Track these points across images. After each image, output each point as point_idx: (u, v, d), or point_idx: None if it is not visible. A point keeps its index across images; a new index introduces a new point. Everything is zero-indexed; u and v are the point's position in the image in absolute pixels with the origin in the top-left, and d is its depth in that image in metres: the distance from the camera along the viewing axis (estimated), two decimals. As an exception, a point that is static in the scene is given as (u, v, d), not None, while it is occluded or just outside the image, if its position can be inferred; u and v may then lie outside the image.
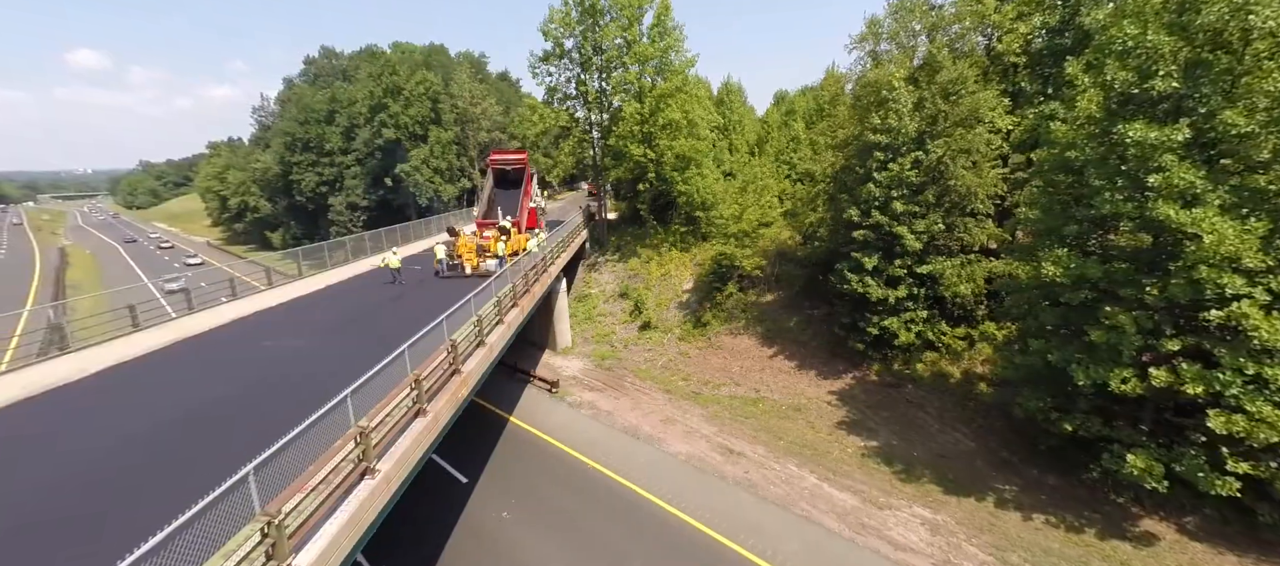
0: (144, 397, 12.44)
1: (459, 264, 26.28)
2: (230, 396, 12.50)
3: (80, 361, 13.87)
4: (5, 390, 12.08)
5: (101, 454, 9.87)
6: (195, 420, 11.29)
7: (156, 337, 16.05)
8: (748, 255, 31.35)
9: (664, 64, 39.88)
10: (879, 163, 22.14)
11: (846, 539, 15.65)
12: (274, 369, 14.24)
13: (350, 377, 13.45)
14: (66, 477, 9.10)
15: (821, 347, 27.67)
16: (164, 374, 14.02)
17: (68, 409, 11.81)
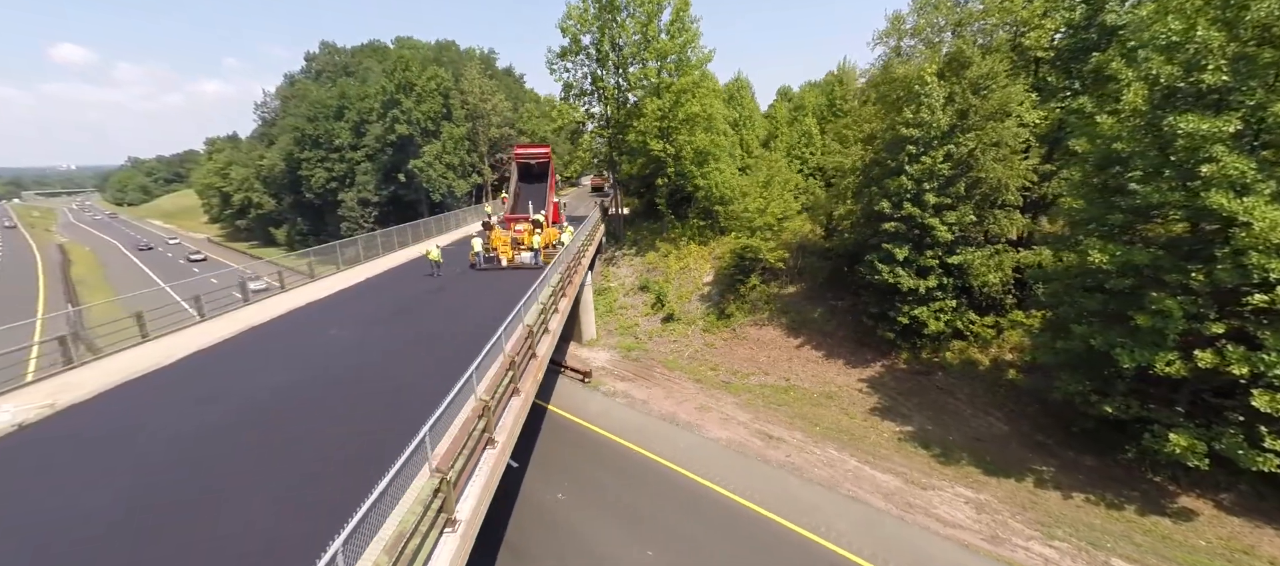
0: (256, 375, 13.13)
1: (495, 256, 26.69)
2: (315, 378, 12.97)
3: (165, 347, 14.22)
4: (129, 365, 12.94)
5: (269, 392, 11.52)
6: (312, 395, 11.96)
7: (222, 327, 16.39)
8: (771, 248, 31.88)
9: (682, 59, 40.28)
10: (911, 156, 22.70)
11: (895, 517, 16.26)
12: (354, 354, 14.73)
13: (421, 362, 14.16)
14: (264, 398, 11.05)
15: (848, 337, 28.30)
16: (252, 359, 14.45)
17: (206, 374, 12.80)
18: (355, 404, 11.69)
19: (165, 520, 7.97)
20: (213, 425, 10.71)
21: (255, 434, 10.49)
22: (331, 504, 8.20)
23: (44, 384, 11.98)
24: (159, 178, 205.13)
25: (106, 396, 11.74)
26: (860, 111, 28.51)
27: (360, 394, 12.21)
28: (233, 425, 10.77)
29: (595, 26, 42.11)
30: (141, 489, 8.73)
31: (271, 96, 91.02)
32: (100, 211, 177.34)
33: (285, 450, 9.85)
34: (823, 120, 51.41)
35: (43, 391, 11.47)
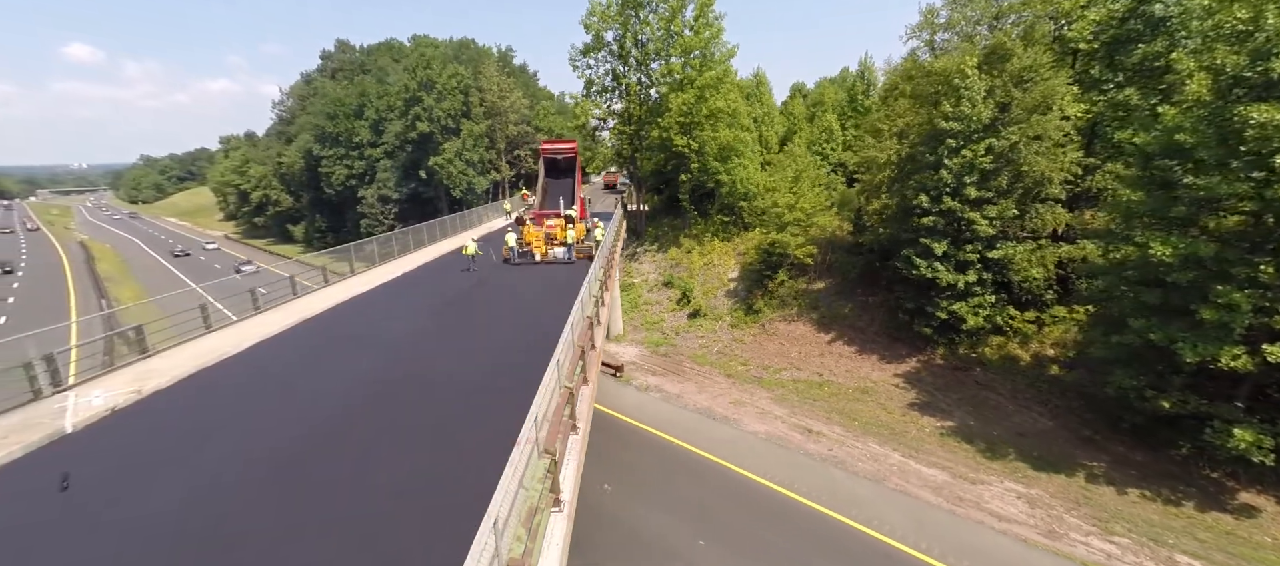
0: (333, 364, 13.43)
1: (528, 251, 26.85)
2: (396, 367, 13.28)
3: (234, 336, 14.54)
4: (200, 353, 13.38)
5: (359, 379, 12.06)
6: (401, 383, 12.24)
7: (278, 319, 16.62)
8: (800, 243, 31.78)
9: (706, 55, 40.18)
10: (950, 149, 22.53)
11: (947, 510, 16.20)
12: (423, 344, 14.98)
13: (487, 351, 14.30)
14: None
15: (880, 332, 28.17)
16: (323, 349, 14.72)
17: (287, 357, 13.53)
18: (444, 390, 11.96)
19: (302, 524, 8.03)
20: (330, 409, 10.97)
21: (368, 414, 10.80)
22: (465, 480, 8.65)
23: (120, 373, 12.22)
24: (172, 175, 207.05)
25: (188, 383, 11.98)
26: (892, 105, 28.31)
27: (445, 381, 12.44)
28: (347, 407, 11.09)
29: (618, 23, 42.12)
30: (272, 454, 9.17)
31: (287, 95, 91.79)
32: (117, 210, 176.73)
33: (405, 431, 10.22)
34: (843, 116, 51.13)
35: (124, 379, 11.70)
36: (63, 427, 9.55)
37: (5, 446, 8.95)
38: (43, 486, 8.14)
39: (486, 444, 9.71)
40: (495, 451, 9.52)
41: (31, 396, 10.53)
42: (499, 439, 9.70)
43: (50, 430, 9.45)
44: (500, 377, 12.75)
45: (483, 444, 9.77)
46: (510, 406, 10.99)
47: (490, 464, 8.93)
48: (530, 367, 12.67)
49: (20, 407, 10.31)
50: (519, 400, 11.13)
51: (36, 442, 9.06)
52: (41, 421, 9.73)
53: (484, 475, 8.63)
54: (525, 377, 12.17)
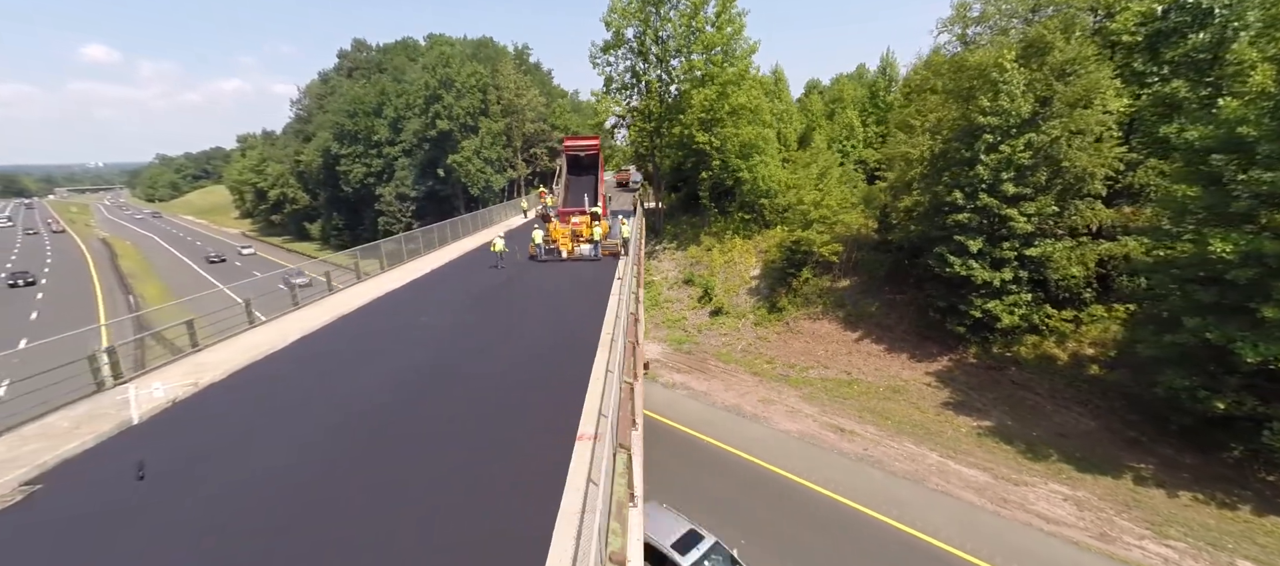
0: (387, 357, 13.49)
1: (555, 248, 26.79)
2: (447, 359, 13.40)
3: (277, 331, 14.65)
4: (249, 346, 13.58)
5: (413, 371, 12.20)
6: (454, 375, 12.37)
7: (316, 314, 16.70)
8: (825, 241, 31.45)
9: (728, 51, 39.89)
10: (987, 145, 22.14)
11: (991, 512, 15.90)
12: (464, 338, 14.95)
13: (524, 347, 14.29)
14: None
15: (909, 331, 27.81)
16: (367, 342, 14.78)
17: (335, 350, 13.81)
18: (495, 382, 11.96)
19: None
20: (385, 400, 10.97)
21: (424, 406, 10.82)
22: (535, 470, 8.62)
23: (174, 366, 12.32)
24: (187, 174, 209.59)
25: (241, 376, 12.08)
26: (923, 100, 27.89)
27: (494, 374, 12.43)
28: (401, 400, 11.10)
29: (638, 19, 41.95)
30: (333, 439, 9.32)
31: (304, 93, 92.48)
32: (137, 208, 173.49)
33: (468, 423, 10.23)
34: (864, 113, 50.57)
35: (179, 372, 11.82)
36: (130, 418, 9.66)
37: (79, 436, 9.05)
38: (120, 473, 8.21)
39: (545, 436, 9.65)
40: (556, 444, 9.43)
41: (94, 388, 10.68)
42: (557, 432, 9.79)
43: (118, 420, 9.56)
44: (547, 372, 12.68)
45: (542, 436, 9.70)
46: (564, 400, 10.95)
47: (551, 456, 8.90)
48: (573, 363, 12.87)
49: (85, 398, 10.45)
50: (569, 395, 11.22)
51: (108, 432, 9.19)
52: (108, 412, 9.84)
53: (550, 467, 8.67)
54: (569, 373, 12.28)
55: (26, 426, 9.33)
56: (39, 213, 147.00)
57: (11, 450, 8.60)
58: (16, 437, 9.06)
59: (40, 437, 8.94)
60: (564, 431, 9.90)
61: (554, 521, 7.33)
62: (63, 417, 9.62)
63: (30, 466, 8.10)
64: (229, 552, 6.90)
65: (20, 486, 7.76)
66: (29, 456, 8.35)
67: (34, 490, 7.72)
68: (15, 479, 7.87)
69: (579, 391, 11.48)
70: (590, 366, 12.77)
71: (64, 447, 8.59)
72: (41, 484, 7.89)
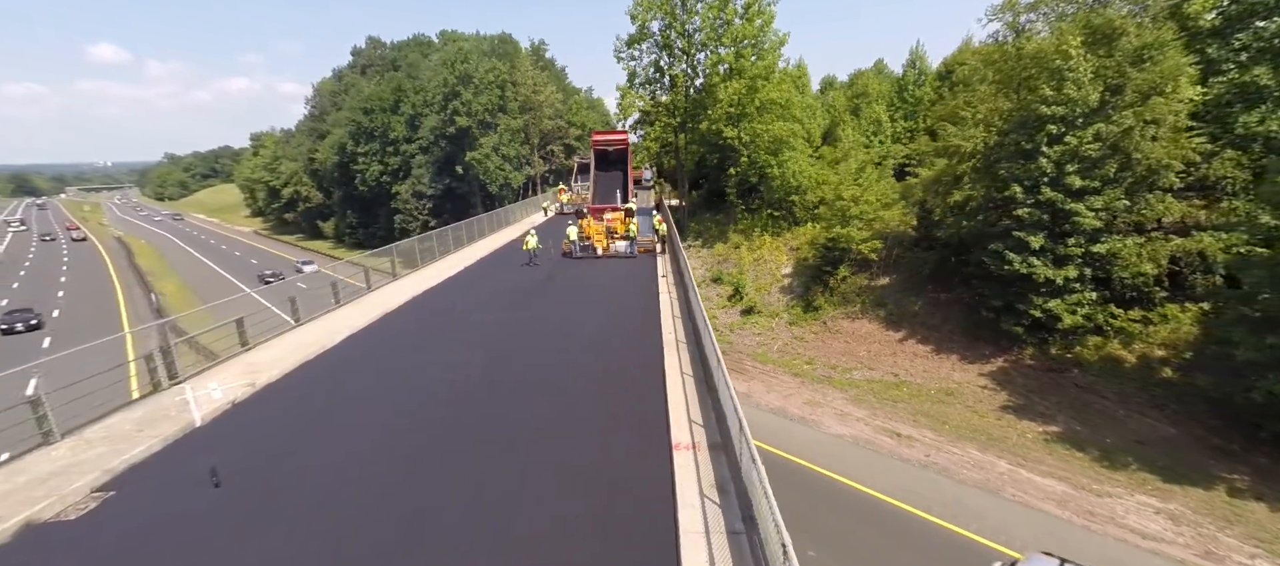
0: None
1: (589, 245, 26.12)
2: (497, 356, 12.82)
3: (322, 330, 14.08)
4: (298, 345, 13.12)
5: (479, 370, 11.43)
6: (525, 377, 11.74)
7: (357, 312, 16.01)
8: (864, 238, 30.41)
9: (757, 43, 38.84)
10: (1051, 136, 21.06)
11: (1080, 526, 14.88)
12: (522, 337, 14.34)
13: (582, 346, 13.57)
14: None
15: (957, 331, 26.72)
16: (422, 340, 14.31)
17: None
18: (562, 382, 11.35)
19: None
20: (451, 397, 10.57)
21: (496, 406, 10.32)
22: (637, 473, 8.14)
23: (226, 366, 11.79)
24: (196, 173, 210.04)
25: (296, 375, 11.61)
26: (972, 91, 26.77)
27: (559, 373, 11.82)
28: (468, 399, 10.61)
29: (664, 13, 41.01)
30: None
31: (317, 92, 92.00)
32: (153, 210, 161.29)
33: (548, 424, 9.70)
34: (892, 107, 49.34)
35: (233, 372, 11.29)
36: (192, 420, 9.20)
37: (144, 439, 8.56)
38: (190, 477, 7.79)
39: (636, 442, 9.04)
40: (651, 452, 8.69)
41: (151, 388, 10.24)
42: (648, 438, 9.11)
43: (181, 423, 9.06)
44: (618, 374, 11.95)
45: (632, 442, 9.05)
46: (644, 404, 10.29)
47: (650, 465, 8.34)
48: (641, 365, 12.15)
49: (144, 399, 10.01)
50: (647, 397, 10.54)
51: (172, 435, 8.72)
52: (168, 414, 9.36)
53: (653, 477, 8.03)
54: (640, 375, 11.82)
55: (89, 429, 8.86)
56: (52, 214, 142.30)
57: (76, 454, 8.15)
58: (80, 441, 8.58)
59: (104, 441, 8.48)
60: (654, 437, 9.25)
61: (677, 541, 6.63)
62: (124, 419, 9.19)
63: (99, 471, 7.69)
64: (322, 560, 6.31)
65: (92, 493, 7.37)
66: (95, 460, 7.93)
67: (106, 496, 7.33)
68: (86, 484, 7.46)
69: (655, 394, 10.85)
70: (661, 368, 12.13)
71: (130, 452, 8.18)
72: (113, 489, 7.49)
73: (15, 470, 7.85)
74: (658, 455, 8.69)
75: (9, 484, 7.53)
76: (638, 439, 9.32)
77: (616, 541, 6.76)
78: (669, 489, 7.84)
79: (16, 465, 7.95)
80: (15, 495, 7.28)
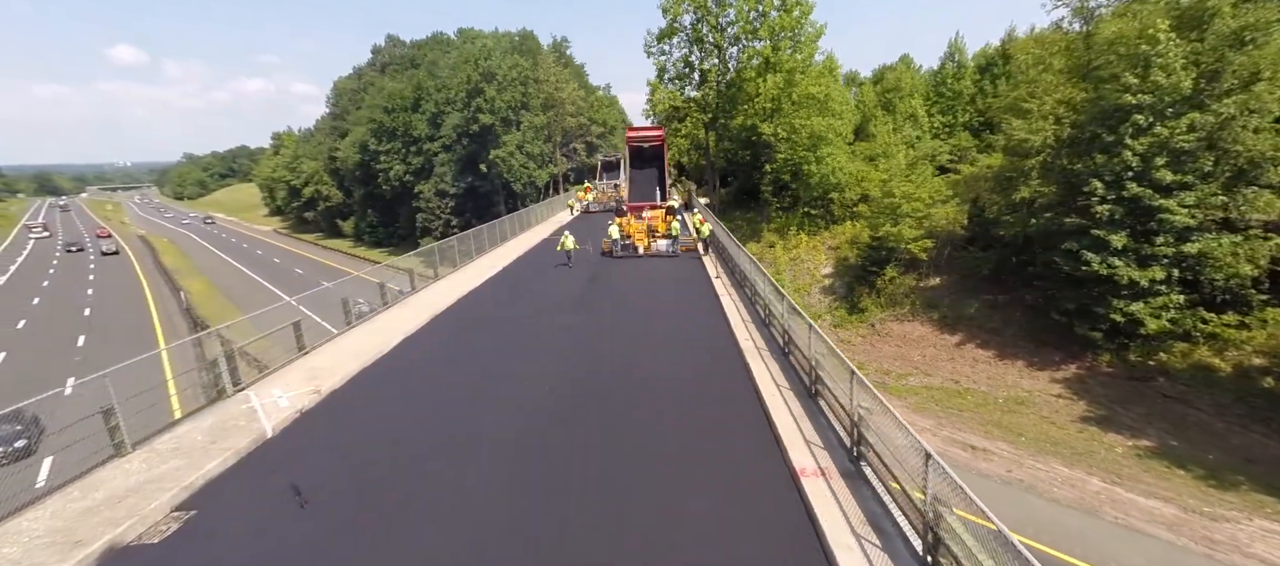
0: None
1: (630, 243, 25.14)
2: (568, 361, 12.19)
3: (377, 331, 13.46)
4: (354, 350, 12.54)
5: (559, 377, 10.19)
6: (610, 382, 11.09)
7: (408, 314, 15.24)
8: (915, 237, 29.01)
9: (795, 36, 37.54)
10: (1136, 127, 19.59)
11: (1202, 554, 13.51)
12: (578, 339, 13.66)
13: (658, 351, 12.74)
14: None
15: (1020, 335, 25.29)
16: (488, 343, 13.64)
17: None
18: (648, 389, 10.56)
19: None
20: (537, 406, 9.90)
21: (583, 416, 9.68)
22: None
23: (286, 372, 11.07)
24: (214, 172, 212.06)
25: (360, 380, 10.99)
26: (1036, 81, 25.24)
27: (645, 379, 11.00)
28: (551, 408, 9.87)
29: (696, 6, 39.87)
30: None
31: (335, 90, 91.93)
32: (180, 211, 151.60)
33: (657, 438, 8.91)
34: (930, 102, 47.64)
35: (295, 378, 10.61)
36: (263, 430, 8.64)
37: (218, 452, 7.99)
38: (270, 492, 7.32)
39: (751, 465, 8.08)
40: (772, 476, 7.81)
41: (216, 395, 9.68)
42: (762, 460, 8.21)
43: (252, 434, 8.49)
44: (704, 386, 10.94)
45: (748, 465, 8.11)
46: (745, 421, 9.41)
47: (776, 493, 7.48)
48: (728, 376, 11.30)
49: (210, 407, 9.45)
50: (745, 412, 9.65)
51: (245, 447, 8.21)
52: (238, 423, 8.79)
53: (782, 506, 7.22)
54: (730, 388, 10.69)
55: (159, 439, 8.27)
56: (76, 215, 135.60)
57: (150, 467, 7.59)
58: (152, 453, 7.99)
59: (176, 453, 7.91)
60: (768, 461, 8.25)
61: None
62: (193, 429, 8.61)
63: (177, 488, 7.16)
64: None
65: (173, 512, 6.87)
66: (172, 476, 7.39)
67: (187, 516, 6.83)
68: (165, 503, 6.93)
69: (752, 409, 9.92)
70: (749, 379, 11.13)
71: (206, 466, 7.62)
72: (194, 508, 6.99)
73: (91, 485, 7.28)
74: (778, 479, 7.78)
75: (87, 501, 6.96)
76: (752, 462, 8.29)
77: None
78: (807, 525, 6.87)
79: (91, 480, 7.39)
80: (96, 515, 6.71)
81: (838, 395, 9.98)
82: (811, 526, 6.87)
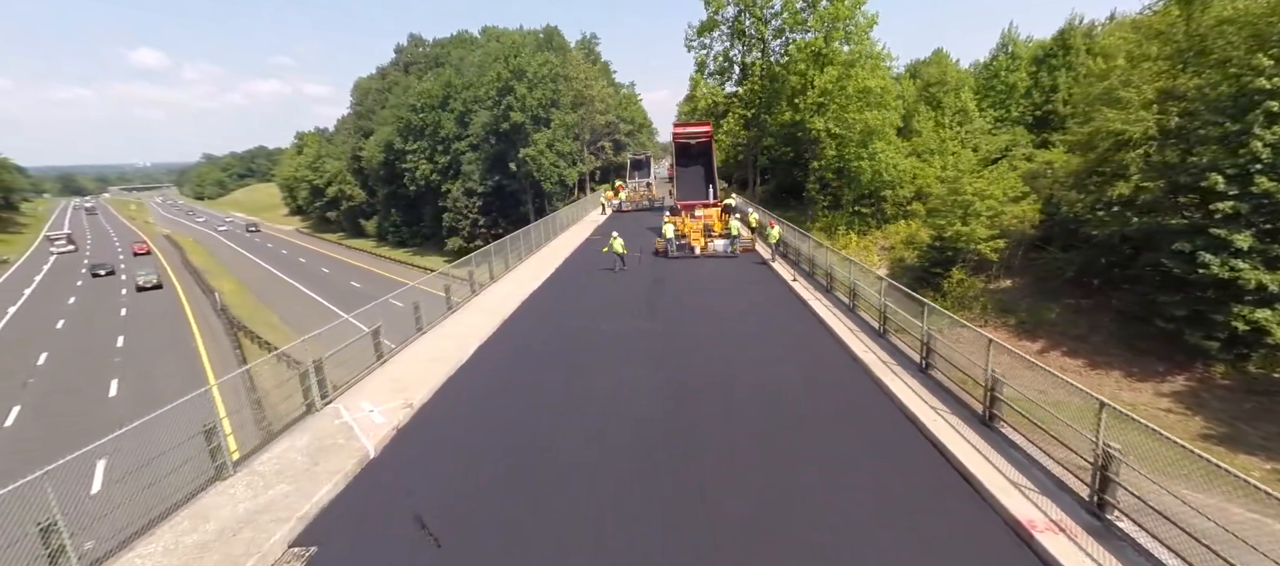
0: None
1: (687, 244, 23.83)
2: (658, 369, 11.26)
3: (449, 337, 12.63)
4: (429, 356, 11.78)
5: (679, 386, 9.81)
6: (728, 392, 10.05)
7: (474, 319, 14.30)
8: (988, 236, 27.21)
9: (847, 26, 35.80)
10: (1269, 115, 17.74)
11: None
12: (661, 347, 12.62)
13: (753, 360, 11.72)
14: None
15: (1112, 342, 23.43)
16: (559, 351, 12.61)
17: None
18: (782, 414, 9.28)
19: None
20: (641, 416, 9.10)
21: (695, 427, 8.76)
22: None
23: (368, 382, 10.11)
24: (233, 172, 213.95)
25: (447, 392, 10.07)
26: (1132, 69, 23.35)
27: (769, 402, 9.69)
28: (657, 419, 9.04)
29: (738, 0, 38.39)
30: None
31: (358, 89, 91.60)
32: (220, 216, 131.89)
33: (815, 468, 7.74)
34: (981, 96, 45.54)
35: (379, 389, 9.72)
36: (365, 450, 7.81)
37: (325, 475, 7.19)
38: (392, 523, 6.53)
39: (937, 506, 6.85)
40: (979, 525, 6.56)
41: (305, 409, 8.80)
42: (948, 497, 7.02)
43: (355, 454, 7.69)
44: (836, 404, 9.76)
45: (936, 509, 6.80)
46: (908, 453, 8.14)
47: (995, 548, 6.24)
48: (859, 394, 10.15)
49: (301, 421, 8.65)
50: (902, 440, 8.50)
51: (352, 469, 7.42)
52: (336, 441, 8.02)
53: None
54: (869, 406, 9.58)
55: (258, 459, 7.52)
56: (104, 217, 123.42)
57: (256, 493, 6.78)
58: (254, 475, 7.16)
59: (278, 475, 7.14)
60: (961, 501, 6.95)
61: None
62: (289, 447, 7.82)
63: (292, 518, 6.35)
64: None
65: (291, 548, 6.11)
66: (282, 503, 6.60)
67: (309, 553, 6.02)
68: (283, 537, 6.12)
69: (907, 435, 8.65)
70: (892, 398, 9.81)
71: (316, 493, 6.81)
72: (313, 543, 6.17)
73: (199, 514, 6.48)
74: (998, 538, 6.36)
75: (200, 533, 6.16)
76: (943, 505, 6.87)
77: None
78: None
79: (198, 507, 6.62)
80: (213, 552, 5.88)
81: (1048, 427, 8.56)
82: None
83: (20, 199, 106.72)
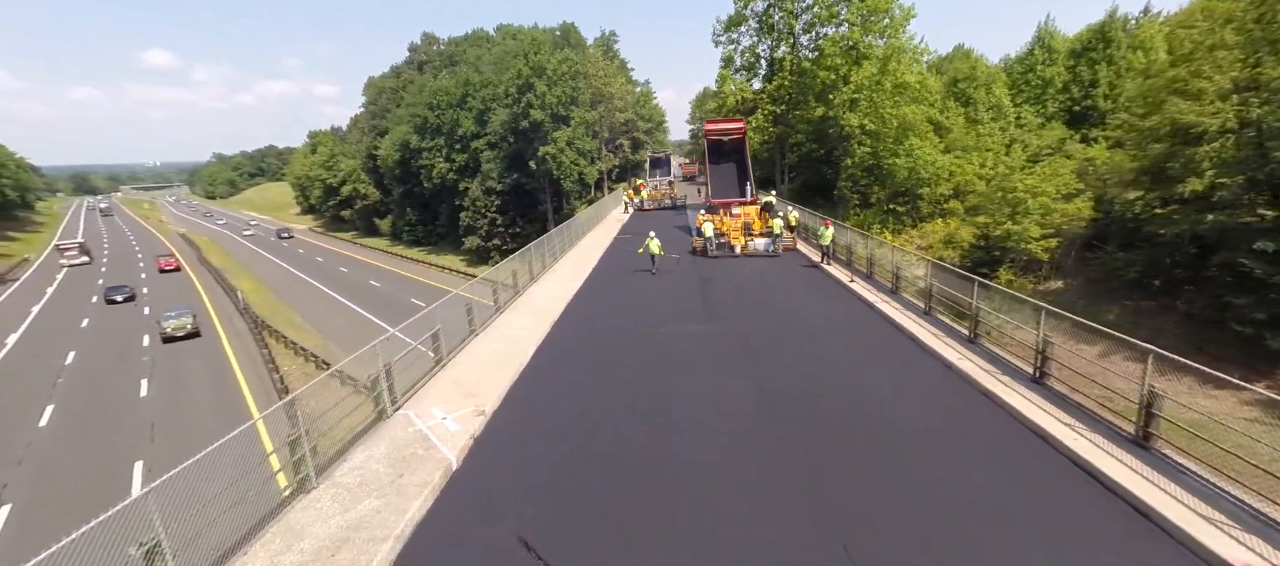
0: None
1: (726, 242, 23.03)
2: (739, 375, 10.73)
3: (500, 339, 12.12)
4: (489, 358, 11.28)
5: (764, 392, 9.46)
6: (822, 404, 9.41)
7: (522, 321, 13.70)
8: (1041, 234, 26.06)
9: (883, 20, 34.68)
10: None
11: None
12: (739, 352, 12.03)
13: (833, 371, 11.10)
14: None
15: (1179, 347, 21.87)
16: (622, 354, 11.95)
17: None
18: (894, 431, 8.55)
19: None
20: (738, 426, 8.55)
21: (828, 444, 8.01)
22: None
23: (432, 386, 9.65)
24: (244, 172, 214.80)
25: (516, 397, 9.54)
26: (1202, 59, 22.12)
27: (875, 417, 9.00)
28: (766, 421, 8.57)
29: (768, -9, 37.40)
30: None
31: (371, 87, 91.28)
32: (244, 220, 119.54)
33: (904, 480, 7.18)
34: (1016, 91, 44.25)
35: (445, 395, 9.25)
36: (448, 461, 7.38)
37: (412, 489, 6.71)
38: (495, 543, 6.00)
39: (1085, 515, 6.39)
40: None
41: (376, 416, 8.40)
42: (1095, 509, 6.49)
43: (438, 465, 7.28)
44: (924, 400, 9.52)
45: (1079, 512, 6.44)
46: (1028, 453, 7.82)
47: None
48: (967, 408, 9.49)
49: (375, 428, 8.24)
50: (1024, 446, 8.03)
51: (438, 483, 6.97)
52: (415, 451, 7.56)
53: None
54: (978, 424, 8.87)
55: (338, 469, 7.09)
56: (121, 219, 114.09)
57: (344, 508, 6.29)
58: (338, 488, 6.67)
59: (362, 488, 6.70)
60: (1130, 532, 6.16)
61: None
62: (367, 457, 7.41)
63: (389, 537, 5.90)
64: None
65: None
66: (373, 520, 6.16)
67: None
68: (385, 558, 5.66)
69: (1039, 452, 7.94)
70: (1008, 410, 9.30)
71: (408, 508, 6.34)
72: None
73: (291, 531, 6.06)
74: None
75: (295, 555, 5.70)
76: (1111, 534, 6.16)
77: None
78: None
79: (288, 522, 6.19)
80: None
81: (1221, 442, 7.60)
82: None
83: (35, 198, 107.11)
